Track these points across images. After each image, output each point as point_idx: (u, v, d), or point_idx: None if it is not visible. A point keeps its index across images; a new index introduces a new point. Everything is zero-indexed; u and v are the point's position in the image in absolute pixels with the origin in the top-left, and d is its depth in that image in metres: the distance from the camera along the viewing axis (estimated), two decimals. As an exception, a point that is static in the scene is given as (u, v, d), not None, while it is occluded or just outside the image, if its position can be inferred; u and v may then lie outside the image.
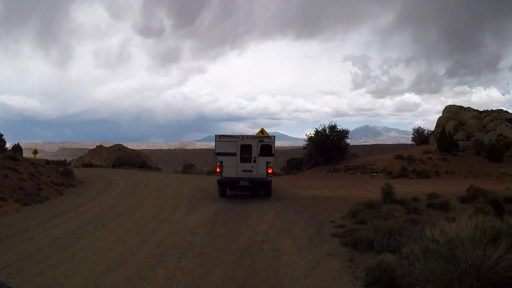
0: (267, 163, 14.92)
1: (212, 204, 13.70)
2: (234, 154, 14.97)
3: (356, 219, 10.29)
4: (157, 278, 6.13)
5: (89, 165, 34.67)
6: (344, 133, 31.95)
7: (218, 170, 15.17)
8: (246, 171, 14.92)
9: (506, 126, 65.53)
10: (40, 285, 5.93)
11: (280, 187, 18.54)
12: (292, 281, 6.06)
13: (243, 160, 14.98)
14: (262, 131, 19.38)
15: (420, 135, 40.48)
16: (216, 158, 15.14)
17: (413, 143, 41.26)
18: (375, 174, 27.11)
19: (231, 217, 11.15)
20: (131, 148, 57.38)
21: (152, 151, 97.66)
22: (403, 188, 14.95)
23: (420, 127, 41.67)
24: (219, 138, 15.25)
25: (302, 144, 34.07)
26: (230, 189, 15.63)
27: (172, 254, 7.40)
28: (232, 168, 14.87)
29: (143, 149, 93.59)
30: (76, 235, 9.00)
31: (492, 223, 5.26)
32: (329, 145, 30.38)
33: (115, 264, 6.82)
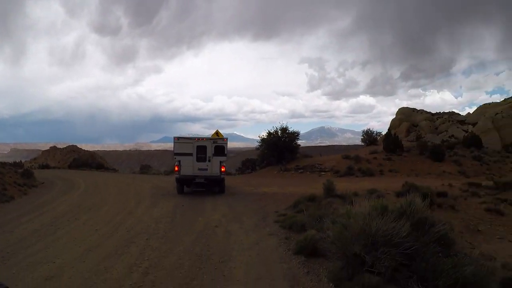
0: (221, 162, 16.68)
1: (172, 199, 15.23)
2: (190, 154, 16.61)
3: (297, 209, 12.17)
4: (131, 253, 7.71)
5: (46, 166, 34.83)
6: (295, 135, 34.01)
7: (176, 169, 16.73)
8: (201, 169, 16.59)
9: (457, 127, 70.27)
10: (34, 262, 7.27)
11: (234, 185, 20.23)
12: (238, 252, 7.83)
13: (199, 159, 16.64)
14: (217, 132, 21.01)
15: (369, 137, 43.13)
16: (175, 158, 16.70)
17: (363, 144, 44.02)
18: (323, 173, 28.98)
19: (188, 210, 12.76)
20: (86, 149, 57.10)
21: (106, 153, 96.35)
22: (348, 185, 16.74)
23: (369, 129, 44.21)
24: (177, 140, 16.84)
25: (257, 145, 35.79)
26: (187, 186, 17.21)
27: (141, 237, 8.97)
28: (189, 167, 16.51)
29: (98, 150, 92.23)
30: (53, 227, 10.28)
31: (382, 203, 7.27)
32: (280, 146, 32.30)
33: (94, 246, 8.28)
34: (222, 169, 16.77)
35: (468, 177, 26.60)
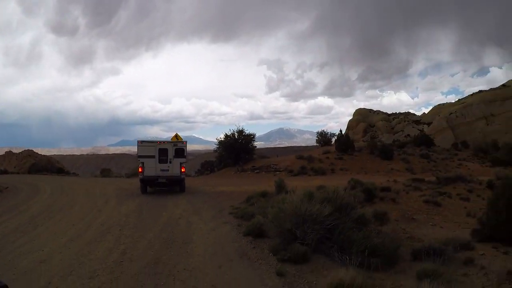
0: (181, 163, 18.34)
1: (136, 198, 16.67)
2: (153, 157, 18.15)
3: (249, 203, 14.00)
4: (108, 240, 9.26)
5: (4, 172, 34.86)
6: (251, 137, 35.89)
7: (140, 170, 18.21)
8: (163, 170, 18.16)
9: (413, 127, 74.49)
10: (25, 252, 8.59)
11: (193, 185, 21.78)
12: (198, 236, 9.58)
13: (161, 161, 18.21)
14: (176, 136, 22.54)
15: (323, 137, 45.45)
16: (139, 160, 18.17)
17: (317, 144, 46.44)
18: (278, 172, 30.72)
19: (153, 206, 14.31)
20: (42, 153, 56.40)
21: (63, 157, 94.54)
22: (300, 183, 18.47)
23: (323, 130, 46.56)
24: (141, 143, 18.37)
25: (215, 147, 37.47)
26: (150, 186, 18.70)
27: (114, 228, 10.51)
28: (152, 168, 18.04)
29: (54, 154, 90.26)
30: (31, 224, 11.51)
31: (310, 191, 9.24)
32: (237, 147, 34.05)
33: (74, 237, 9.74)
34: (182, 170, 18.41)
35: (415, 174, 28.94)
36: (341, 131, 40.76)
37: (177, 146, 18.65)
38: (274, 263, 7.44)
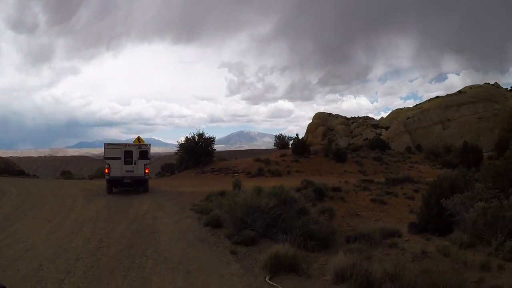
0: (145, 164, 19.76)
1: (103, 198, 17.84)
2: (119, 158, 19.46)
3: (209, 200, 15.58)
4: (85, 232, 10.62)
5: (-39, 175, 34.50)
6: (211, 140, 37.39)
7: (107, 171, 19.43)
8: (128, 171, 19.48)
9: (371, 131, 77.61)
10: (9, 243, 9.75)
11: (155, 186, 23.00)
12: (164, 227, 11.13)
13: (126, 163, 19.52)
14: (138, 138, 23.78)
15: (281, 141, 47.20)
16: (105, 161, 19.40)
17: (275, 148, 48.24)
18: (236, 174, 32.16)
19: (120, 204, 15.61)
20: (-2, 155, 55.27)
21: (20, 159, 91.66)
22: (256, 184, 20.23)
23: (281, 134, 48.43)
24: (108, 146, 19.69)
25: (176, 150, 38.77)
26: (115, 186, 19.91)
27: (88, 223, 11.84)
28: (118, 169, 19.33)
29: (11, 156, 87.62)
30: (7, 222, 12.51)
31: (260, 187, 11.02)
32: (197, 150, 35.44)
33: (53, 231, 10.98)
34: (146, 171, 19.82)
35: (367, 175, 30.98)
36: (297, 135, 42.93)
37: (142, 149, 20.04)
38: (229, 245, 9.14)
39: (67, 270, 7.52)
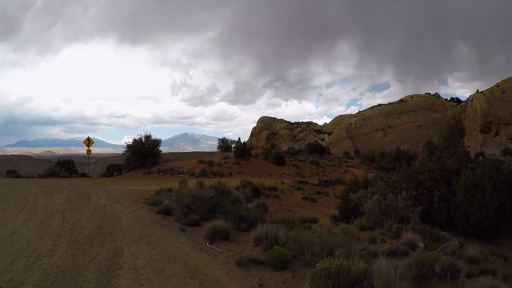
0: None
1: (61, 193, 19.53)
2: None
3: (159, 195, 18.08)
4: (56, 219, 12.81)
5: None
6: (157, 142, 39.55)
7: None
8: None
9: (314, 136, 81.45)
10: (-8, 227, 11.84)
11: (105, 184, 24.94)
12: (123, 215, 13.61)
13: None
14: (88, 139, 25.65)
15: (224, 144, 50.30)
16: None
17: (219, 150, 51.25)
18: (181, 175, 34.78)
19: (79, 198, 17.63)
20: None
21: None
22: None
23: (224, 137, 51.59)
24: None
25: (121, 150, 40.46)
26: None
27: (56, 212, 13.96)
28: None
29: None
30: (-21, 213, 14.37)
31: (202, 181, 13.80)
32: (144, 151, 37.58)
33: (27, 219, 12.99)
34: None
35: (304, 177, 34.51)
36: (239, 138, 46.08)
37: None
38: (178, 226, 11.88)
39: (54, 243, 9.91)
